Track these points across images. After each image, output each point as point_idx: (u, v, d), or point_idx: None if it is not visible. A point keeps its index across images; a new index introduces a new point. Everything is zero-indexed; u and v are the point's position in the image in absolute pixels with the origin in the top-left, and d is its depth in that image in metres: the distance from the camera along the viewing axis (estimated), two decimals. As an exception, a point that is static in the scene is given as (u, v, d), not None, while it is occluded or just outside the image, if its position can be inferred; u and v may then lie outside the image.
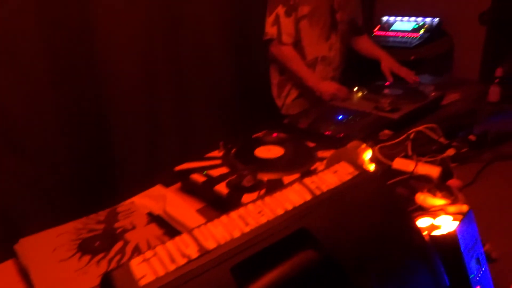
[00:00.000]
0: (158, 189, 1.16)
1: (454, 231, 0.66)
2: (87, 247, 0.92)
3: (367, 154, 0.94)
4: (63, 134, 1.77)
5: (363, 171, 0.60)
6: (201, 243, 0.47)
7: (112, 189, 1.92)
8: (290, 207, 0.52)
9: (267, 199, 0.54)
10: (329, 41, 1.91)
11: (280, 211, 0.52)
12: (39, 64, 1.66)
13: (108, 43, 1.85)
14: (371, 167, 0.92)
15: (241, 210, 0.52)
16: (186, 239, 0.47)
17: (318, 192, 0.55)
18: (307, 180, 0.57)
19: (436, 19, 2.89)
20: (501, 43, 1.98)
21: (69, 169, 1.81)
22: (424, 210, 0.78)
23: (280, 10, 1.79)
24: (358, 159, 0.89)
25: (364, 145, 0.97)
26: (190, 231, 0.49)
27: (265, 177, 1.11)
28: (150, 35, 2.00)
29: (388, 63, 1.95)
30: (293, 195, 0.54)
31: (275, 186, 1.08)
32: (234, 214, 0.51)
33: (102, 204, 1.10)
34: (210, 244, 0.47)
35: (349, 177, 0.59)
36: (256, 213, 0.51)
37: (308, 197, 0.54)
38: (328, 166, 0.68)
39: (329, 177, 0.58)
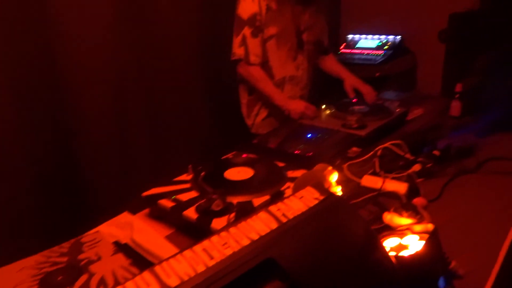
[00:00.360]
0: (125, 217, 1.13)
1: (421, 251, 0.67)
2: (50, 283, 0.87)
3: (334, 176, 0.94)
4: (25, 160, 1.70)
5: (329, 196, 0.60)
6: (163, 280, 0.45)
7: (77, 218, 1.85)
8: (256, 237, 0.52)
9: (232, 229, 0.53)
10: (296, 61, 1.94)
11: (245, 242, 0.51)
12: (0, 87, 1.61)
13: (76, 66, 1.80)
14: (338, 189, 0.92)
15: (205, 243, 0.50)
16: (147, 278, 0.46)
17: (284, 220, 0.55)
18: (273, 208, 0.56)
19: (398, 37, 3.00)
20: (459, 60, 2.06)
21: (31, 198, 1.73)
22: (392, 230, 0.79)
23: (247, 31, 1.81)
24: (324, 182, 0.89)
25: (330, 168, 0.97)
26: (151, 269, 0.47)
27: (235, 199, 1.10)
28: (118, 59, 1.96)
29: (350, 81, 2.00)
30: (259, 224, 0.54)
31: (245, 209, 1.08)
32: (198, 247, 0.50)
33: (66, 235, 1.05)
34: (173, 282, 0.45)
35: (315, 202, 0.58)
36: (220, 245, 0.50)
37: (274, 225, 0.53)
38: (295, 190, 0.68)
39: (295, 203, 0.58)
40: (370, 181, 1.25)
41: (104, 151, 1.97)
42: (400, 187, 1.19)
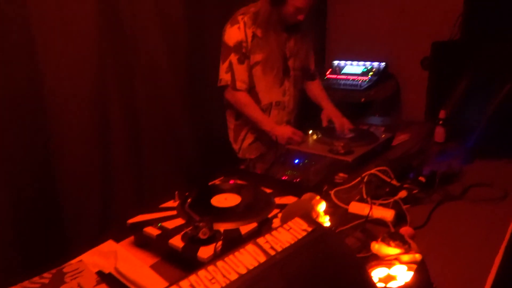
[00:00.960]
0: (108, 245, 1.10)
1: (410, 282, 0.67)
2: (29, 315, 0.84)
3: (321, 206, 0.94)
4: (5, 187, 1.65)
5: (317, 227, 0.59)
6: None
7: (59, 247, 1.79)
8: (244, 271, 0.51)
9: (220, 263, 0.52)
10: (282, 87, 1.97)
11: (233, 276, 0.50)
12: None
13: (58, 91, 1.78)
14: (326, 219, 0.92)
15: (192, 278, 0.49)
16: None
17: (272, 253, 0.54)
18: (261, 240, 0.56)
19: (383, 63, 3.07)
20: (442, 87, 2.12)
21: (11, 226, 1.67)
22: (379, 259, 0.79)
23: (233, 57, 1.84)
24: (312, 212, 0.89)
25: (318, 197, 0.97)
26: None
27: (222, 227, 1.09)
28: (102, 82, 1.94)
29: (327, 112, 2.02)
30: (247, 257, 0.53)
31: (232, 237, 1.06)
32: (184, 283, 0.48)
33: (48, 264, 1.02)
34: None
35: (303, 233, 0.58)
36: (208, 280, 0.49)
37: (262, 258, 0.53)
38: (283, 221, 0.68)
39: (283, 235, 0.57)
40: (357, 207, 1.25)
41: (87, 177, 1.92)
42: (387, 214, 1.20)
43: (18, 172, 1.70)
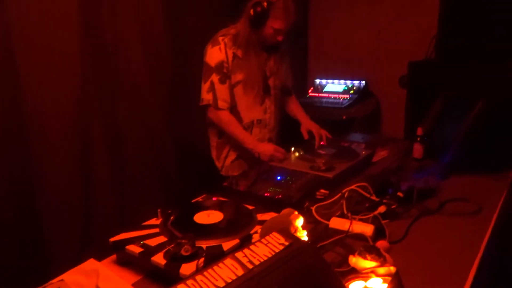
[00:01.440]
0: (90, 264, 1.10)
1: (384, 293, 0.69)
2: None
3: (299, 221, 0.97)
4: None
5: (294, 241, 0.62)
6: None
7: (40, 266, 1.76)
8: (222, 284, 0.52)
9: (199, 277, 0.53)
10: (263, 105, 2.01)
11: (211, 290, 0.51)
12: None
13: (40, 109, 1.78)
14: (303, 234, 0.94)
15: (171, 292, 0.51)
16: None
17: (250, 266, 0.56)
18: (239, 254, 0.58)
19: (363, 82, 3.15)
20: (419, 105, 2.19)
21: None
22: (357, 272, 0.81)
23: (214, 77, 1.88)
24: (290, 227, 0.91)
25: (296, 212, 1.00)
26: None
27: (204, 244, 1.10)
28: (84, 101, 1.95)
29: (306, 125, 2.09)
30: (226, 271, 0.55)
31: (214, 253, 1.07)
32: (164, 297, 0.50)
33: (29, 284, 1.01)
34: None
35: (281, 247, 0.60)
36: (187, 294, 0.50)
37: (240, 272, 0.55)
38: (262, 235, 0.70)
39: (261, 249, 0.59)
40: (338, 223, 1.28)
41: (68, 196, 1.91)
42: (367, 229, 1.22)
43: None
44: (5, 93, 1.68)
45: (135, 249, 1.10)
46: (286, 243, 0.60)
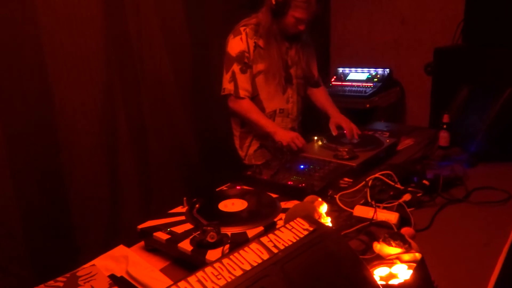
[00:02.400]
0: (120, 250, 1.14)
1: (409, 280, 0.69)
2: (44, 317, 0.88)
3: (323, 207, 0.97)
4: (19, 195, 1.69)
5: (319, 227, 0.63)
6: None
7: (72, 252, 1.83)
8: (248, 268, 0.54)
9: (225, 260, 0.55)
10: (285, 94, 2.01)
11: (238, 272, 0.53)
12: None
13: (68, 105, 1.84)
14: (327, 220, 0.94)
15: (199, 274, 0.53)
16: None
17: (275, 250, 0.57)
18: (264, 239, 0.59)
19: (387, 70, 3.10)
20: (445, 92, 2.14)
21: (23, 234, 1.72)
22: (381, 259, 0.81)
23: (236, 67, 1.89)
24: (314, 213, 0.92)
25: (319, 199, 1.00)
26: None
27: (229, 231, 1.12)
28: (110, 96, 2.00)
29: (335, 120, 2.04)
30: (251, 255, 0.56)
31: (239, 240, 1.09)
32: (192, 279, 0.52)
33: (62, 268, 1.06)
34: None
35: (305, 233, 0.61)
36: (214, 276, 0.52)
37: (265, 256, 0.56)
38: (286, 221, 0.71)
39: (286, 234, 0.60)
40: (362, 211, 1.28)
41: (96, 187, 1.97)
42: (391, 217, 1.22)
43: (29, 182, 1.75)
44: (35, 92, 1.74)
45: (162, 236, 1.13)
46: (311, 229, 0.61)
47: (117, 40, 2.00)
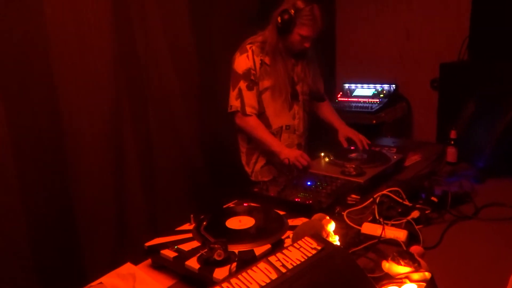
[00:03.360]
0: (127, 268, 1.14)
1: (419, 299, 0.68)
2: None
3: (331, 226, 0.97)
4: (26, 213, 1.69)
5: (327, 245, 0.62)
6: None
7: (79, 269, 1.83)
8: (256, 288, 0.54)
9: (234, 280, 0.55)
10: (292, 111, 2.02)
11: (246, 293, 0.53)
12: (1, 134, 1.62)
13: (75, 120, 1.86)
14: (335, 238, 0.94)
15: (208, 294, 0.52)
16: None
17: (283, 270, 0.57)
18: (272, 258, 0.59)
19: (393, 85, 3.10)
20: (452, 107, 2.14)
21: (30, 252, 1.72)
22: (390, 278, 0.80)
23: (242, 84, 1.91)
24: (322, 232, 0.92)
25: (327, 217, 1.00)
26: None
27: (236, 249, 1.12)
28: (118, 112, 2.02)
29: (343, 132, 2.07)
30: (260, 274, 0.56)
31: (246, 258, 1.09)
32: (201, 299, 0.52)
33: (70, 285, 1.06)
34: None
35: (313, 252, 0.61)
36: (222, 296, 0.52)
37: (273, 276, 0.56)
38: (294, 240, 0.70)
39: (294, 253, 0.60)
40: (370, 228, 1.27)
41: (102, 202, 1.96)
42: (400, 234, 1.21)
43: (37, 200, 1.75)
44: (43, 105, 1.76)
45: (169, 253, 1.13)
46: (319, 248, 0.61)
47: (125, 57, 2.03)
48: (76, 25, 1.80)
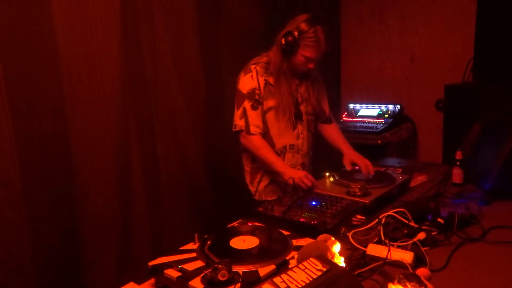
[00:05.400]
0: (130, 287, 1.13)
1: (426, 323, 0.67)
2: None
3: (336, 247, 0.96)
4: (31, 229, 1.69)
5: (332, 267, 0.62)
6: None
7: (83, 287, 1.81)
8: (261, 309, 0.53)
9: (238, 301, 0.54)
10: (295, 130, 2.03)
11: (251, 314, 0.52)
12: (9, 151, 1.64)
13: (83, 140, 1.88)
14: (341, 260, 0.93)
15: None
16: None
17: (288, 292, 0.56)
18: (277, 280, 0.58)
19: (398, 106, 3.11)
20: (457, 128, 2.13)
21: (37, 268, 1.71)
22: (397, 301, 0.79)
23: (247, 104, 1.93)
24: (327, 253, 0.91)
25: (332, 238, 0.99)
26: None
27: (240, 269, 1.11)
28: (125, 128, 2.04)
29: (349, 156, 2.06)
30: (264, 296, 0.55)
31: (251, 279, 1.08)
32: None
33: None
34: None
35: (318, 273, 0.60)
36: (227, 317, 0.51)
37: (278, 297, 0.55)
38: (299, 261, 0.70)
39: (299, 274, 0.60)
40: (375, 249, 1.25)
41: (107, 220, 1.97)
42: (406, 256, 1.19)
43: (42, 217, 1.76)
44: (50, 121, 1.78)
45: (173, 273, 1.12)
46: (324, 269, 0.60)
47: (133, 78, 2.06)
48: (85, 43, 1.84)
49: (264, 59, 1.97)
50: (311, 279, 0.58)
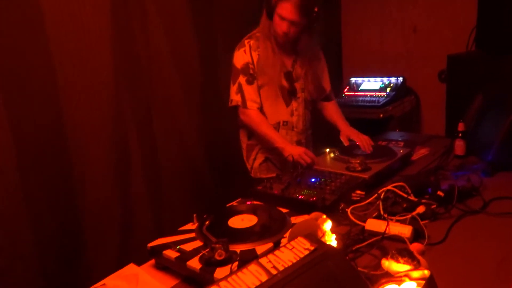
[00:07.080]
0: (130, 268, 1.14)
1: (417, 298, 0.67)
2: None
3: (327, 225, 0.95)
4: (31, 216, 1.72)
5: (320, 246, 0.61)
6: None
7: (84, 272, 1.85)
8: (246, 290, 0.53)
9: (223, 283, 0.54)
10: (289, 107, 2.00)
11: (235, 296, 0.52)
12: (6, 149, 1.66)
13: (79, 126, 1.87)
14: (332, 238, 0.93)
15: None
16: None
17: (274, 272, 0.56)
18: (263, 260, 0.58)
19: (400, 78, 3.05)
20: (460, 100, 2.10)
21: (38, 254, 1.74)
22: (390, 276, 0.79)
23: (242, 79, 1.91)
24: (318, 231, 0.90)
25: (324, 216, 0.98)
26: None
27: (238, 248, 1.11)
28: (121, 112, 2.03)
29: (346, 132, 2.04)
30: (249, 277, 0.55)
31: (248, 257, 1.08)
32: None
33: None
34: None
35: (306, 253, 0.60)
36: (211, 300, 0.51)
37: (264, 278, 0.55)
38: (289, 240, 0.70)
39: (286, 254, 0.59)
40: (374, 224, 1.25)
41: (108, 208, 1.99)
42: (405, 230, 1.19)
43: (42, 204, 1.78)
44: (46, 111, 1.78)
45: (171, 254, 1.13)
46: (311, 248, 0.60)
47: (127, 60, 2.05)
48: (75, 30, 1.82)
49: (258, 34, 1.94)
50: (298, 259, 0.58)
